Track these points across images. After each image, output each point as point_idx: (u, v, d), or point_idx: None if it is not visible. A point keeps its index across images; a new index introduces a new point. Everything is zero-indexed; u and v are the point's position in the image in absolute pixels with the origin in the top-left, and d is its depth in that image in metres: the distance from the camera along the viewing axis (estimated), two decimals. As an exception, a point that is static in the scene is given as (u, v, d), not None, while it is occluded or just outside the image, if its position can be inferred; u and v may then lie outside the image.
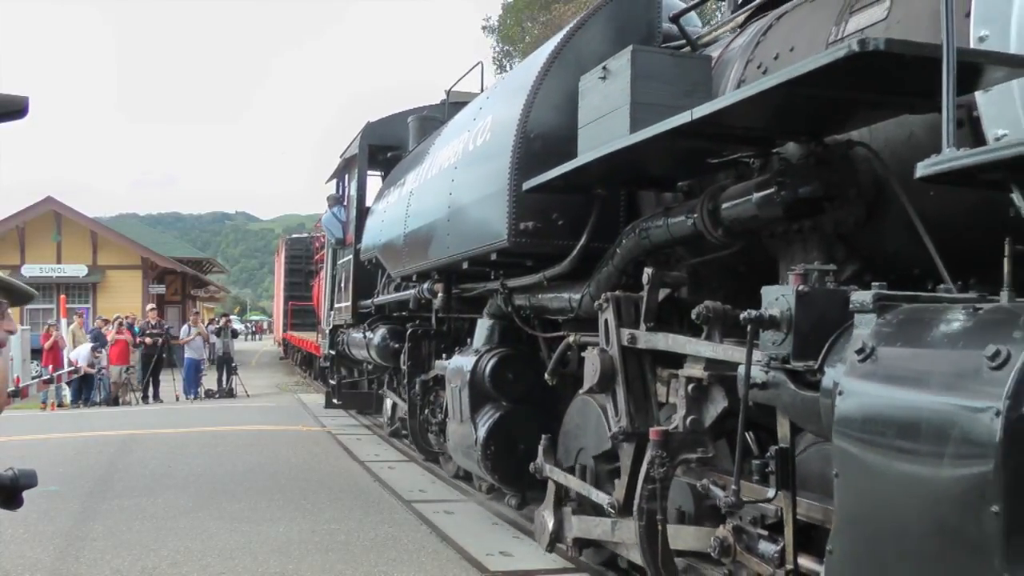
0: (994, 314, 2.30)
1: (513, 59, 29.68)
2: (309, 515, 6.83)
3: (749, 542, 3.30)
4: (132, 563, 5.62)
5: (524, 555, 5.80)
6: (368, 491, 7.85)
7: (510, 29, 29.96)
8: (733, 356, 3.35)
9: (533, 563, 5.62)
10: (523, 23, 29.46)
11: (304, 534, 6.25)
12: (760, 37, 4.17)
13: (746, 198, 3.58)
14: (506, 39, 30.23)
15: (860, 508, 2.48)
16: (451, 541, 6.09)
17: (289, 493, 7.67)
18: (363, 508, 7.11)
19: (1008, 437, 2.04)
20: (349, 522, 6.61)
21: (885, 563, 2.40)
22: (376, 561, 5.63)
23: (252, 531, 6.34)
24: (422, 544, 6.04)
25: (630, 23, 5.00)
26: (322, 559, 5.66)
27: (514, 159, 4.87)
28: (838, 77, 2.75)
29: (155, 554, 5.81)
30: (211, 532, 6.32)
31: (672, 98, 3.75)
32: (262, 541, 6.08)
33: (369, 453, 10.07)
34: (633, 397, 4.04)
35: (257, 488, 7.89)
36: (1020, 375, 2.07)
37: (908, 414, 2.32)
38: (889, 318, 2.55)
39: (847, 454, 2.49)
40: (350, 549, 5.91)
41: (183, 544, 6.02)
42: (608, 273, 4.59)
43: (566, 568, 5.48)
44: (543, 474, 5.12)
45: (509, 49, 30.14)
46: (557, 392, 5.54)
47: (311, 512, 6.95)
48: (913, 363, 2.39)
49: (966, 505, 2.13)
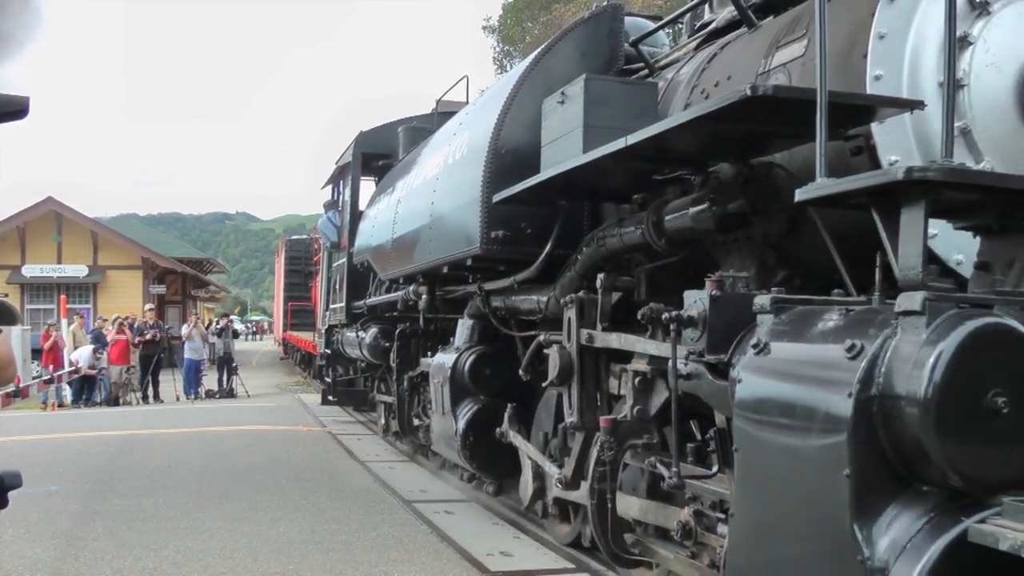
0: (860, 314, 2.83)
1: (513, 59, 30.14)
2: (310, 515, 6.95)
3: (708, 524, 3.81)
4: (132, 563, 5.71)
5: (525, 555, 5.91)
6: (369, 491, 7.99)
7: (510, 29, 30.44)
8: (669, 352, 3.87)
9: (534, 563, 5.72)
10: (523, 23, 29.93)
11: (305, 534, 6.36)
12: (705, 64, 4.69)
13: (683, 212, 4.12)
14: (506, 39, 30.72)
15: (753, 476, 3.01)
16: (451, 541, 6.20)
17: (290, 493, 7.81)
18: (364, 508, 7.23)
19: (857, 414, 2.58)
20: (350, 522, 6.73)
21: (771, 522, 2.94)
22: (377, 561, 5.71)
23: (253, 531, 6.46)
24: (423, 544, 6.14)
25: (594, 47, 5.54)
26: (323, 559, 5.75)
27: (486, 173, 5.43)
28: (753, 111, 3.27)
29: (156, 554, 5.90)
30: (212, 532, 6.43)
31: (622, 121, 4.28)
32: (263, 541, 6.19)
33: (369, 453, 10.24)
34: (586, 392, 4.58)
35: (258, 488, 8.02)
36: (869, 364, 2.60)
37: (788, 397, 2.86)
38: (783, 318, 3.08)
39: (743, 432, 3.02)
40: (351, 549, 6.00)
41: (184, 544, 6.12)
42: (571, 278, 5.13)
43: (566, 568, 5.59)
44: (507, 439, 5.70)
45: (509, 49, 30.63)
46: (532, 387, 6.07)
47: (312, 512, 7.06)
48: (794, 355, 2.92)
49: (827, 470, 2.65)
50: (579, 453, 4.52)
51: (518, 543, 6.21)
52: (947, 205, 2.99)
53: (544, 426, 5.72)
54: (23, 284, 28.81)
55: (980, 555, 2.42)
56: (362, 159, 11.31)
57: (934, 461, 2.51)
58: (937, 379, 2.46)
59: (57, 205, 30.09)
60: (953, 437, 2.48)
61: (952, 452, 2.49)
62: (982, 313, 2.59)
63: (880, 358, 2.59)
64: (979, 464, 2.52)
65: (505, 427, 5.77)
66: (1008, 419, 2.50)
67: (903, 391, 2.52)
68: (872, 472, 2.59)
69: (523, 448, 5.61)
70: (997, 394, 2.49)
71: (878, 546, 2.55)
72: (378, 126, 11.32)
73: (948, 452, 2.49)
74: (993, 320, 2.57)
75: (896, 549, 2.53)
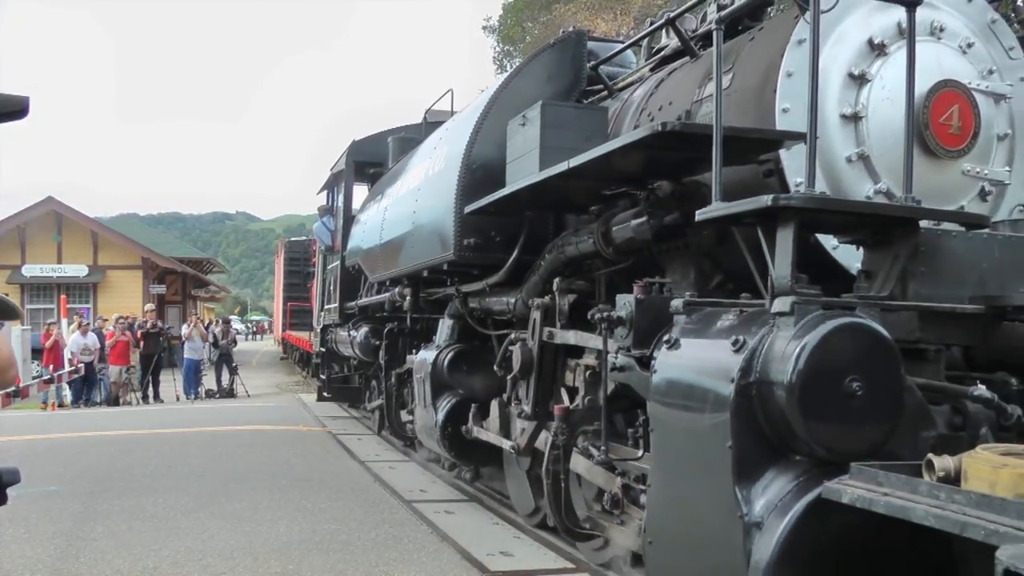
0: (749, 315, 3.47)
1: (513, 59, 30.74)
2: (310, 515, 7.09)
3: (634, 496, 4.46)
4: (132, 563, 5.80)
5: (524, 555, 6.03)
6: (369, 491, 8.16)
7: (510, 29, 30.99)
8: (612, 347, 4.51)
9: (533, 563, 5.85)
10: (523, 23, 30.46)
11: (305, 534, 6.49)
12: (654, 89, 5.34)
13: (626, 224, 4.76)
14: (506, 39, 31.29)
15: (664, 452, 3.66)
16: (452, 541, 6.32)
17: (290, 493, 7.95)
18: (364, 508, 7.38)
19: (737, 397, 3.22)
20: (350, 522, 6.87)
21: (678, 489, 3.58)
22: (377, 561, 5.83)
23: (253, 531, 6.58)
24: (423, 544, 6.27)
25: (559, 70, 6.20)
26: (323, 559, 5.86)
27: (459, 186, 6.10)
28: (668, 141, 3.91)
29: (156, 554, 5.99)
30: (212, 532, 6.55)
31: (575, 142, 4.90)
32: (263, 541, 6.30)
33: (369, 453, 10.45)
34: (542, 385, 5.24)
35: (258, 488, 8.16)
36: (748, 356, 3.24)
37: (689, 384, 3.51)
38: (692, 318, 3.72)
39: (656, 414, 3.67)
40: (351, 549, 6.12)
41: (184, 544, 6.22)
42: (535, 282, 5.79)
43: (566, 568, 5.72)
44: (471, 435, 6.48)
45: (509, 49, 31.20)
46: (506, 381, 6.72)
47: (312, 512, 7.20)
48: (696, 349, 3.56)
49: (715, 443, 3.29)
50: (531, 435, 5.23)
51: (518, 543, 6.38)
52: (832, 224, 3.64)
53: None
54: (23, 284, 29.20)
55: (842, 511, 3.02)
56: (355, 167, 12.07)
57: (800, 436, 3.14)
58: (801, 368, 3.09)
59: (57, 205, 30.47)
60: (815, 416, 3.11)
61: (814, 428, 3.12)
62: (842, 313, 3.22)
63: (758, 351, 3.22)
64: (838, 438, 3.15)
65: (470, 424, 6.45)
66: (862, 401, 3.13)
67: (774, 378, 3.15)
68: (750, 445, 3.22)
69: (485, 437, 6.30)
70: (853, 380, 3.12)
71: (755, 505, 3.18)
72: (370, 135, 12.05)
73: (811, 428, 3.12)
74: (850, 319, 3.19)
75: (770, 507, 3.17)
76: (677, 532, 3.59)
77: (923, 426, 3.36)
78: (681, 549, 3.58)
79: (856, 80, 4.26)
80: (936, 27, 4.41)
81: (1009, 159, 4.59)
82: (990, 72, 4.51)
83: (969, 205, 4.44)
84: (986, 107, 4.42)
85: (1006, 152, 4.57)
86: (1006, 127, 4.55)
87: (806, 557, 3.09)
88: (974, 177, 4.42)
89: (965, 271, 3.69)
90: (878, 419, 3.18)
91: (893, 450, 3.22)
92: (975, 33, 4.56)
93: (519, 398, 5.76)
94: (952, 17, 4.52)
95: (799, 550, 3.08)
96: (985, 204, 4.50)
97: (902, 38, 4.29)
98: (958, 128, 4.26)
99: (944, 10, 4.51)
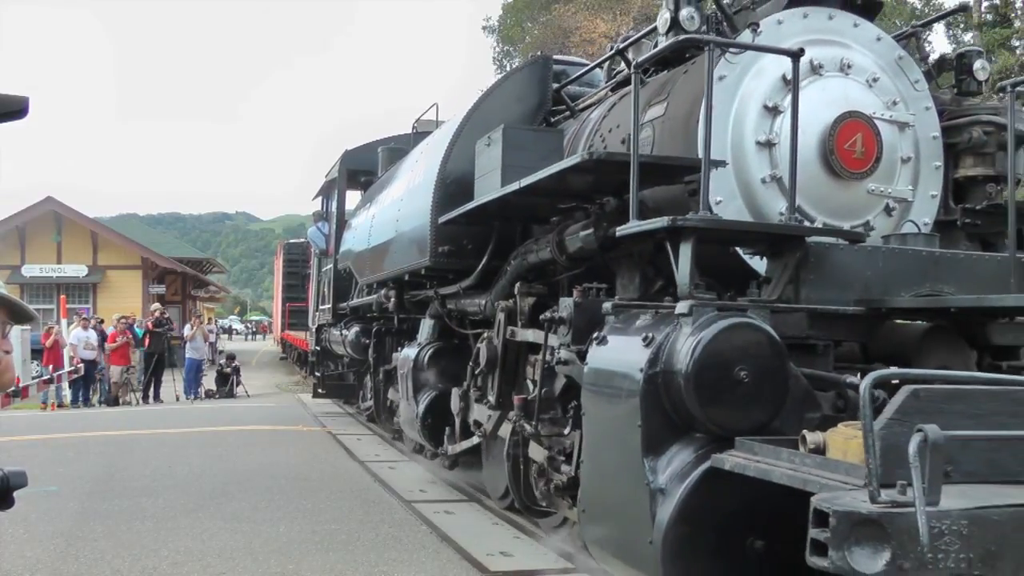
0: (661, 316, 4.21)
1: (513, 59, 31.54)
2: (310, 515, 7.24)
3: (556, 464, 5.22)
4: (132, 563, 5.92)
5: (524, 555, 6.19)
6: (368, 491, 8.36)
7: (510, 29, 31.82)
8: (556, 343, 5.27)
9: (533, 563, 6.00)
10: (523, 23, 31.28)
11: (304, 534, 6.61)
12: (607, 112, 6.10)
13: (576, 235, 5.51)
14: (506, 39, 32.12)
15: (592, 432, 4.41)
16: (451, 541, 6.46)
17: (289, 493, 8.11)
18: (364, 508, 7.55)
19: (646, 384, 3.96)
20: (350, 522, 7.01)
21: (603, 463, 4.33)
22: (376, 561, 5.95)
23: (252, 531, 6.71)
24: (422, 544, 6.41)
25: (526, 92, 7.00)
26: (323, 559, 5.98)
27: (435, 198, 6.92)
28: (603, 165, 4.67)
29: (155, 554, 6.11)
30: (211, 532, 6.69)
31: (533, 162, 5.63)
32: (263, 541, 6.43)
33: (369, 453, 10.69)
34: (505, 378, 6.01)
35: (257, 488, 8.32)
36: (655, 350, 3.99)
37: (610, 374, 4.26)
38: (619, 318, 4.47)
39: (587, 400, 4.43)
40: (351, 549, 6.25)
41: (183, 544, 6.35)
42: (502, 285, 6.57)
43: (566, 568, 5.85)
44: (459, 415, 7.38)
45: (509, 49, 32.02)
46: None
47: (311, 512, 7.36)
48: (617, 344, 4.31)
49: (629, 422, 4.04)
50: (495, 423, 6.07)
51: (518, 543, 6.54)
52: (735, 240, 4.41)
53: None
54: (23, 284, 29.47)
55: (732, 478, 3.75)
56: (347, 174, 13.04)
57: (696, 416, 3.88)
58: (695, 359, 3.82)
59: (57, 205, 30.90)
60: (708, 399, 3.84)
61: (708, 410, 3.85)
62: (733, 314, 3.96)
63: (663, 346, 3.97)
64: (729, 418, 3.88)
65: (455, 404, 7.27)
66: (748, 387, 3.86)
67: (675, 368, 3.89)
68: (657, 424, 3.96)
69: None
70: (740, 369, 3.85)
71: (660, 475, 3.93)
72: (361, 145, 13.01)
73: (705, 410, 3.85)
74: (738, 319, 3.93)
75: (672, 476, 3.91)
76: (602, 500, 4.35)
77: (808, 408, 4.08)
78: (605, 515, 4.34)
79: (771, 111, 5.01)
80: (845, 64, 5.16)
81: (914, 179, 5.34)
82: (895, 103, 5.25)
83: (875, 220, 5.19)
84: (889, 134, 5.16)
85: (910, 173, 5.32)
86: (909, 151, 5.30)
87: (700, 517, 3.84)
88: (879, 195, 5.17)
89: (851, 278, 4.43)
90: (763, 402, 3.90)
91: (780, 428, 3.94)
92: (883, 68, 5.31)
93: (480, 388, 6.58)
94: (862, 55, 5.27)
95: (694, 512, 3.82)
96: (890, 219, 5.25)
97: (813, 74, 5.07)
98: (861, 153, 5.01)
99: (855, 48, 5.27)
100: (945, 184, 5.54)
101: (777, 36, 5.06)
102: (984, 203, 5.43)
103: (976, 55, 5.80)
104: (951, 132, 5.55)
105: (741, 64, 4.99)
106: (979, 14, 34.09)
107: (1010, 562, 2.90)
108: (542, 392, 5.65)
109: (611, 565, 4.33)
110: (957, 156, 5.59)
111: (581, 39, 27.11)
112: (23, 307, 2.35)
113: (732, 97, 5.00)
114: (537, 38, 29.57)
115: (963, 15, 36.26)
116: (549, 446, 5.25)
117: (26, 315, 2.37)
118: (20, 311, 2.35)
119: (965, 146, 5.51)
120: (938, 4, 34.67)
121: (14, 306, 2.33)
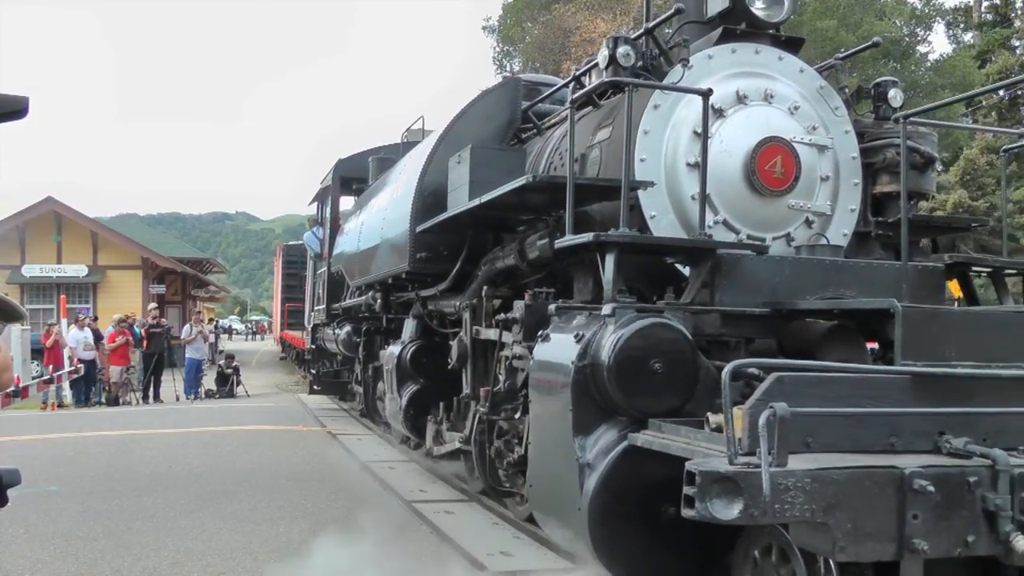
0: (593, 316, 5.04)
1: (513, 59, 32.35)
2: (310, 515, 7.44)
3: (511, 446, 6.10)
4: (132, 563, 6.04)
5: (524, 555, 6.35)
6: (369, 491, 8.60)
7: (510, 29, 32.61)
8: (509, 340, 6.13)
9: (534, 563, 6.16)
10: (523, 23, 32.06)
11: (304, 534, 6.75)
12: (567, 131, 6.93)
13: (534, 243, 6.36)
14: (506, 39, 32.92)
15: (536, 416, 5.26)
16: (451, 541, 6.63)
17: (289, 493, 8.33)
18: (364, 508, 7.61)
19: (576, 374, 4.78)
20: (350, 522, 7.12)
21: (544, 443, 5.18)
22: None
23: (253, 531, 6.87)
24: (423, 544, 6.60)
25: (497, 111, 7.87)
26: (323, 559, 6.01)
27: (413, 209, 7.81)
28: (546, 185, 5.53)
29: (155, 554, 6.24)
30: (211, 532, 6.84)
31: (498, 177, 6.46)
32: (263, 541, 6.58)
33: (369, 453, 10.97)
34: (476, 373, 6.87)
35: (257, 488, 8.54)
36: (584, 345, 4.83)
37: (549, 365, 5.10)
38: (561, 318, 5.32)
39: (533, 389, 5.28)
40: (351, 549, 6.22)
41: (183, 544, 6.49)
42: (474, 289, 7.45)
43: (566, 568, 5.97)
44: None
45: (509, 49, 32.83)
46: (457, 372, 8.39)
47: (311, 512, 7.56)
48: (556, 341, 5.15)
49: (563, 408, 4.87)
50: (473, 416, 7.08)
51: (518, 543, 6.70)
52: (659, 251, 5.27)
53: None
54: (23, 284, 30.07)
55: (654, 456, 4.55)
56: (340, 182, 14.19)
57: (617, 402, 4.71)
58: (615, 353, 4.65)
59: (57, 205, 31.30)
60: (627, 387, 4.66)
61: (627, 396, 4.68)
62: (650, 315, 4.79)
63: (591, 342, 4.80)
64: (646, 403, 4.70)
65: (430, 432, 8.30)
66: (662, 376, 4.68)
67: (600, 360, 4.72)
68: (586, 408, 4.79)
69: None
70: (655, 361, 4.67)
71: (588, 452, 4.76)
72: (353, 154, 14.10)
73: (626, 396, 4.68)
74: (654, 319, 4.76)
75: (598, 453, 4.74)
76: (543, 474, 5.20)
77: (718, 395, 4.91)
78: (546, 487, 5.19)
79: (699, 136, 5.83)
80: (768, 94, 5.99)
81: (833, 195, 6.16)
82: (814, 128, 6.08)
83: (795, 231, 6.02)
84: (808, 155, 5.99)
85: (830, 190, 6.15)
86: (828, 170, 6.12)
87: (621, 487, 4.66)
88: (798, 210, 6.00)
89: (760, 283, 5.27)
90: (676, 390, 4.73)
91: (693, 411, 4.74)
92: (804, 97, 6.14)
93: (451, 420, 7.60)
94: (785, 85, 6.10)
95: (616, 483, 4.65)
96: (811, 231, 6.08)
97: (739, 103, 5.91)
98: (781, 173, 5.84)
99: (779, 80, 6.10)
100: (864, 199, 6.38)
101: (708, 69, 5.90)
102: (896, 216, 6.24)
103: (891, 84, 6.66)
104: (869, 153, 6.40)
105: (674, 94, 5.82)
106: (979, 14, 34.92)
107: (847, 511, 3.72)
108: (505, 384, 6.49)
109: (551, 528, 5.20)
110: (875, 174, 6.43)
111: (581, 39, 27.91)
112: (13, 306, 2.40)
113: (666, 123, 5.83)
114: (537, 38, 30.34)
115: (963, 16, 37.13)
116: (507, 430, 6.11)
117: (16, 314, 2.43)
118: (10, 310, 2.40)
119: (881, 165, 6.36)
120: (938, 4, 35.52)
121: (3, 305, 2.38)
